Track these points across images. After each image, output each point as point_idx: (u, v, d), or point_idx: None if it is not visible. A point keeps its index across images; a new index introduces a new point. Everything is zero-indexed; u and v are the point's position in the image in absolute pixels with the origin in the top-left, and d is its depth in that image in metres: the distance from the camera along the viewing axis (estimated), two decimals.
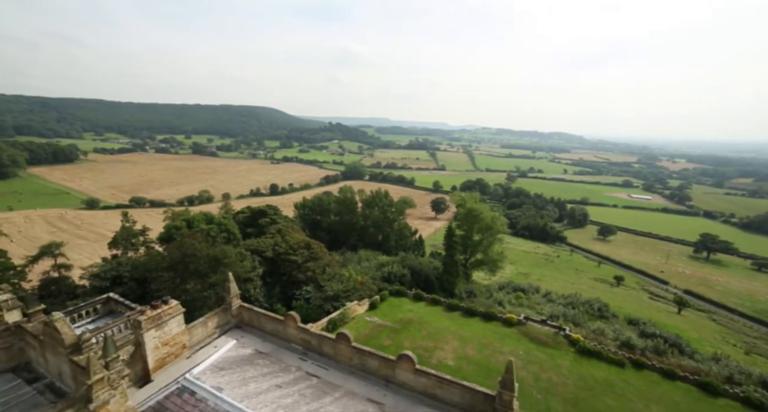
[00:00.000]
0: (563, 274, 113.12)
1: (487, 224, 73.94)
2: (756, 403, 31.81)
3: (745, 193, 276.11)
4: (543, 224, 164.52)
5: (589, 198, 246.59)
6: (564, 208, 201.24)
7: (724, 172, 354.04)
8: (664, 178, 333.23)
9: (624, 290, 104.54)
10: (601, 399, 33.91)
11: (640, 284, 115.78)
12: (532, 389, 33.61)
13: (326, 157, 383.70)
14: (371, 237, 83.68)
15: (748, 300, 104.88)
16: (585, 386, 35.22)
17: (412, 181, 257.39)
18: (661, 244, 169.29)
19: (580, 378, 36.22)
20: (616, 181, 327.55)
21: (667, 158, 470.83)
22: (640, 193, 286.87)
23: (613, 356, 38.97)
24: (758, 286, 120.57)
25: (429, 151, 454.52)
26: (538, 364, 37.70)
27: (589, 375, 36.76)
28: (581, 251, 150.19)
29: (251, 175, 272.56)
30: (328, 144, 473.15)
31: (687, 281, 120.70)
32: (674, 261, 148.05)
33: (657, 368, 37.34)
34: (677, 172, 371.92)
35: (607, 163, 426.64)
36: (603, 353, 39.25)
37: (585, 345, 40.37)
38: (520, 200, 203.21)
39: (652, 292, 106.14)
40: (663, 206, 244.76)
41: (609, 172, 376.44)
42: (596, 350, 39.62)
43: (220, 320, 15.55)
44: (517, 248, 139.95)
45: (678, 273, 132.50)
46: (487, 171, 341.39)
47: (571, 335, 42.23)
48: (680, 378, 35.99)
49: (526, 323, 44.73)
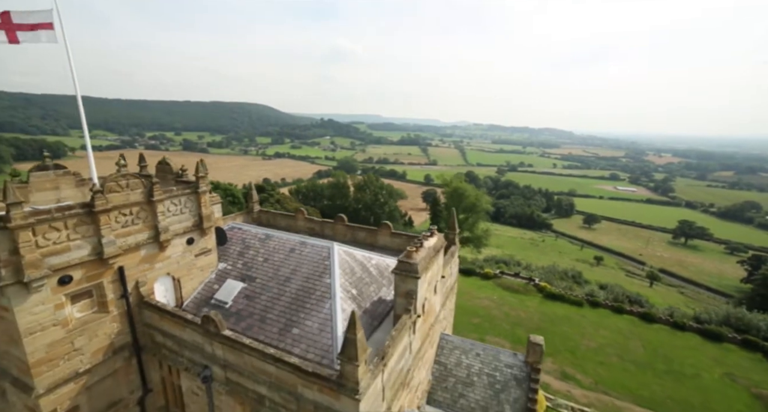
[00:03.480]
0: (547, 255, 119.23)
1: (472, 202, 78.30)
2: (680, 324, 38.07)
3: (725, 185, 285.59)
4: (530, 212, 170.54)
5: (577, 190, 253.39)
6: (551, 198, 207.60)
7: (707, 166, 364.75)
8: (649, 172, 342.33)
9: (603, 268, 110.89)
10: (559, 327, 39.66)
11: (619, 265, 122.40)
12: (503, 322, 39.08)
13: (318, 153, 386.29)
14: (363, 220, 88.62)
15: (717, 278, 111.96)
16: (547, 319, 40.93)
17: (403, 175, 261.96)
18: (643, 231, 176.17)
19: (544, 314, 41.92)
20: (603, 174, 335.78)
21: (654, 153, 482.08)
22: (626, 185, 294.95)
23: (574, 297, 44.62)
24: (728, 267, 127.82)
25: (421, 146, 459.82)
26: (509, 305, 43.10)
27: (552, 312, 42.44)
28: (566, 237, 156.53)
29: (243, 171, 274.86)
30: (320, 140, 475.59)
31: (663, 263, 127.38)
32: (654, 246, 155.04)
33: (609, 305, 43.20)
34: (663, 165, 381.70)
35: (596, 157, 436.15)
36: (565, 296, 44.86)
37: (550, 291, 45.98)
38: (509, 191, 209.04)
39: (629, 270, 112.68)
40: (647, 197, 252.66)
41: (597, 166, 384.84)
42: (560, 294, 45.23)
43: (243, 219, 20.30)
44: (504, 235, 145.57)
45: (656, 256, 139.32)
46: (478, 165, 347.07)
47: (539, 284, 47.74)
48: (627, 312, 42.02)
49: (501, 276, 50.08)
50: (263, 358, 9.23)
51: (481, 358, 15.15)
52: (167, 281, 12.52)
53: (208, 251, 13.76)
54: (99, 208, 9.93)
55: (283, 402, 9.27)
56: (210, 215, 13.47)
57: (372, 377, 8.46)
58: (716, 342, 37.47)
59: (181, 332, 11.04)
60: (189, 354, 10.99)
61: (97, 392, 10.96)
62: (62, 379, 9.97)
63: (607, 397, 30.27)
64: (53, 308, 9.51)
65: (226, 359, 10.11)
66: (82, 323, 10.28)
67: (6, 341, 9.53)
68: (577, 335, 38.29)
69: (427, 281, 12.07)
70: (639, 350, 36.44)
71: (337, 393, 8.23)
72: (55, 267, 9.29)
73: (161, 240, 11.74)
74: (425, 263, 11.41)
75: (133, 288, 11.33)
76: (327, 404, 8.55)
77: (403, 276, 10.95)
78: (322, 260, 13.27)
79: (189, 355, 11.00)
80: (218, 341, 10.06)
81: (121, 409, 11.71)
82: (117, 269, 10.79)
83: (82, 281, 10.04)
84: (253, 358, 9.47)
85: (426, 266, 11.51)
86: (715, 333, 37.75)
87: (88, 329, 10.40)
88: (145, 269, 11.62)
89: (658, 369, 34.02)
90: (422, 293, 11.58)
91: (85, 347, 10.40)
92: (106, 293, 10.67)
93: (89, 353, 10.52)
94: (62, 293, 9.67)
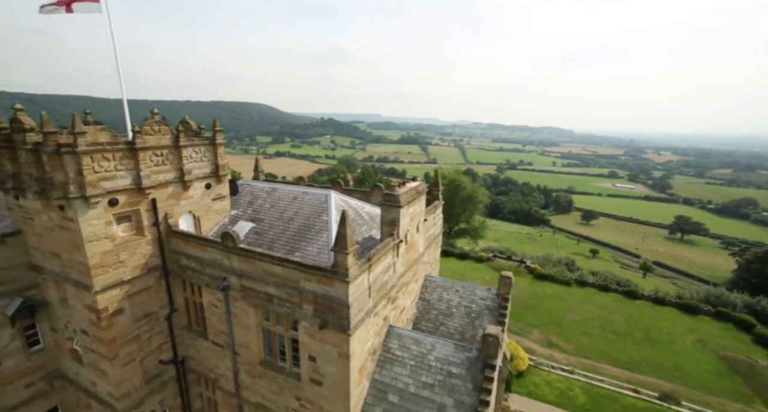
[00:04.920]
0: (543, 249, 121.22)
1: (469, 194, 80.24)
2: (661, 299, 40.29)
3: (723, 183, 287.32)
4: (528, 208, 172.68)
5: (575, 187, 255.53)
6: (550, 195, 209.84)
7: (705, 164, 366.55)
8: (648, 170, 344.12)
9: (598, 261, 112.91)
10: (547, 304, 41.93)
11: (615, 258, 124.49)
12: None
13: (318, 152, 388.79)
14: None
15: (709, 270, 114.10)
16: (536, 297, 43.21)
17: (403, 173, 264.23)
18: (640, 227, 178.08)
19: (534, 293, 44.17)
20: (602, 172, 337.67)
21: (653, 151, 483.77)
22: (625, 183, 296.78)
23: (562, 277, 46.85)
24: (721, 260, 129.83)
25: (421, 145, 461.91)
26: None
27: (541, 291, 44.69)
28: (564, 232, 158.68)
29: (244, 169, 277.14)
30: (320, 139, 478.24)
31: (659, 256, 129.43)
32: (650, 241, 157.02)
33: (596, 285, 45.37)
34: (662, 163, 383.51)
35: (595, 155, 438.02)
36: (555, 276, 47.09)
37: (541, 272, 48.20)
38: (507, 188, 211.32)
39: (624, 263, 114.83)
40: (645, 194, 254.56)
41: (596, 164, 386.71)
42: (549, 274, 47.45)
43: None
44: (502, 230, 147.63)
45: (652, 250, 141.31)
46: (477, 164, 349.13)
47: (530, 266, 50.00)
48: (612, 290, 44.17)
49: (494, 259, 52.33)
50: (272, 261, 11.54)
51: (459, 293, 17.46)
52: (189, 218, 14.81)
53: (222, 197, 16.07)
54: (138, 145, 12.23)
55: (288, 297, 11.55)
56: (225, 165, 15.78)
57: (359, 270, 10.74)
58: (692, 314, 39.77)
59: (203, 253, 13.34)
60: (209, 271, 13.28)
61: (136, 302, 13.27)
62: (112, 283, 12.27)
63: (587, 360, 32.53)
64: (104, 223, 11.81)
65: (241, 269, 12.40)
66: (125, 241, 12.59)
67: (70, 249, 11.85)
68: (563, 310, 40.61)
69: (410, 215, 14.36)
70: (620, 322, 38.74)
71: (331, 280, 10.51)
72: (106, 190, 11.59)
73: (185, 180, 14.05)
74: (407, 198, 13.69)
75: (162, 219, 13.63)
76: (323, 292, 10.83)
77: (387, 206, 13.24)
78: (321, 203, 15.55)
79: (209, 271, 13.29)
80: (235, 254, 12.36)
81: (153, 320, 14.02)
82: (151, 200, 13.09)
83: (125, 206, 12.34)
84: (264, 263, 11.77)
85: (408, 200, 13.80)
86: (692, 306, 40.02)
87: (129, 247, 12.71)
88: (172, 205, 13.92)
89: (636, 337, 36.32)
90: (404, 224, 13.87)
91: (127, 261, 12.70)
92: (142, 219, 12.97)
93: (130, 266, 12.83)
94: (111, 213, 11.97)
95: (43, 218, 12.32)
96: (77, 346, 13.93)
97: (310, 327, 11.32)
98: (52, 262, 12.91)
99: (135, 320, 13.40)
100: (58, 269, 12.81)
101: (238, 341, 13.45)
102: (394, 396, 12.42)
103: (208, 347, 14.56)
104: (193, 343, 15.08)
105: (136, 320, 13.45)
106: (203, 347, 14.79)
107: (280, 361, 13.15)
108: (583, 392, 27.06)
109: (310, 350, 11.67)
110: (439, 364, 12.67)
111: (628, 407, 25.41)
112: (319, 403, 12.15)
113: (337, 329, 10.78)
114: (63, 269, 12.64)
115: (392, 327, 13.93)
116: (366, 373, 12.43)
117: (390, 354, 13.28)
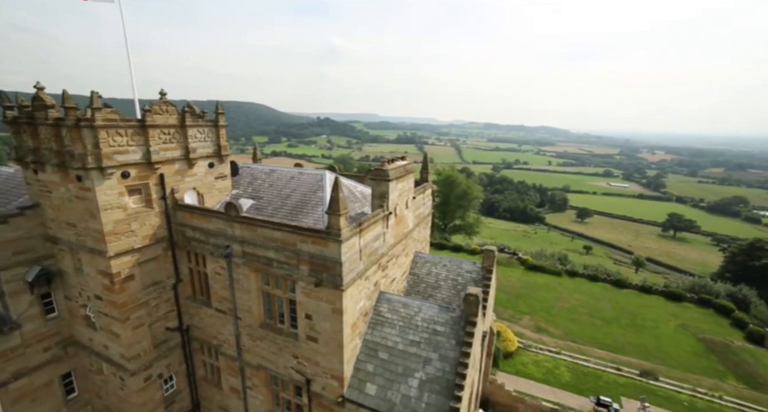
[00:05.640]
0: (538, 245, 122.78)
1: (463, 190, 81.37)
2: (647, 288, 41.70)
3: (715, 181, 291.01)
4: (524, 206, 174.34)
5: (571, 186, 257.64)
6: (545, 194, 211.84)
7: (698, 163, 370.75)
8: (642, 169, 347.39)
9: (591, 257, 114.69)
10: (537, 293, 43.21)
11: (608, 254, 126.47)
12: None
13: (315, 152, 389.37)
14: None
15: (700, 266, 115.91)
16: (528, 286, 44.48)
17: None
18: (634, 225, 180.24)
19: (525, 282, 45.44)
20: (597, 171, 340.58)
21: (647, 150, 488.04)
22: (619, 181, 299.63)
23: (553, 268, 48.15)
24: (712, 256, 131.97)
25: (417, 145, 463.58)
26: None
27: (533, 281, 45.96)
28: (558, 229, 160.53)
29: None
30: (316, 139, 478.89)
31: (651, 253, 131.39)
32: (643, 239, 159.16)
33: (586, 275, 46.68)
34: (656, 163, 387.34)
35: (590, 155, 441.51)
36: (546, 267, 48.38)
37: (532, 263, 49.47)
38: (503, 187, 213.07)
39: (617, 259, 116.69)
40: (639, 193, 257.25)
41: (591, 163, 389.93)
42: (540, 265, 48.73)
43: None
44: (498, 227, 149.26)
45: (645, 247, 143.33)
46: (473, 163, 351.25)
47: (522, 257, 51.26)
48: (601, 280, 45.47)
49: None
50: (272, 226, 12.66)
51: (447, 268, 18.63)
52: (193, 194, 15.88)
53: (224, 176, 17.15)
54: (148, 123, 13.31)
55: (287, 259, 12.67)
56: (226, 146, 16.86)
57: (351, 232, 11.88)
58: (677, 302, 41.22)
59: (207, 224, 14.42)
60: (213, 240, 14.36)
61: (145, 270, 14.33)
62: (123, 250, 13.34)
63: (574, 344, 33.84)
64: (117, 194, 12.87)
65: (243, 236, 13.50)
66: (135, 212, 13.65)
67: (86, 217, 12.91)
68: (553, 299, 41.92)
69: (398, 190, 15.52)
70: (607, 309, 40.10)
71: (326, 240, 11.65)
72: (120, 163, 12.66)
73: (190, 158, 15.12)
74: (396, 174, 14.86)
75: (169, 193, 14.69)
76: (318, 252, 11.96)
77: (377, 180, 14.40)
78: (317, 181, 16.68)
79: (213, 241, 14.37)
80: (238, 222, 13.47)
81: (160, 289, 15.08)
82: (159, 174, 14.16)
83: (136, 179, 13.40)
84: (265, 229, 12.89)
85: (397, 176, 14.96)
86: (677, 294, 41.45)
87: (139, 218, 13.77)
88: (178, 180, 14.99)
89: (622, 323, 37.69)
90: (393, 198, 15.03)
91: (138, 231, 13.77)
92: (151, 193, 14.03)
93: (140, 236, 13.89)
94: (123, 185, 13.03)
95: (60, 190, 13.37)
96: (90, 312, 14.96)
97: (306, 286, 12.45)
98: (68, 232, 13.95)
99: (144, 287, 14.46)
100: (74, 238, 13.85)
101: (240, 305, 14.55)
102: (384, 353, 13.56)
103: (212, 314, 15.64)
104: (197, 312, 16.15)
105: (145, 287, 14.51)
106: (207, 314, 15.86)
107: (279, 323, 14.26)
108: (568, 370, 28.34)
109: (307, 309, 12.80)
110: (425, 324, 13.83)
111: (610, 383, 26.70)
112: (315, 359, 13.27)
113: (331, 286, 11.92)
114: (78, 237, 13.69)
115: (383, 293, 15.07)
116: (358, 332, 13.57)
117: (381, 317, 14.42)
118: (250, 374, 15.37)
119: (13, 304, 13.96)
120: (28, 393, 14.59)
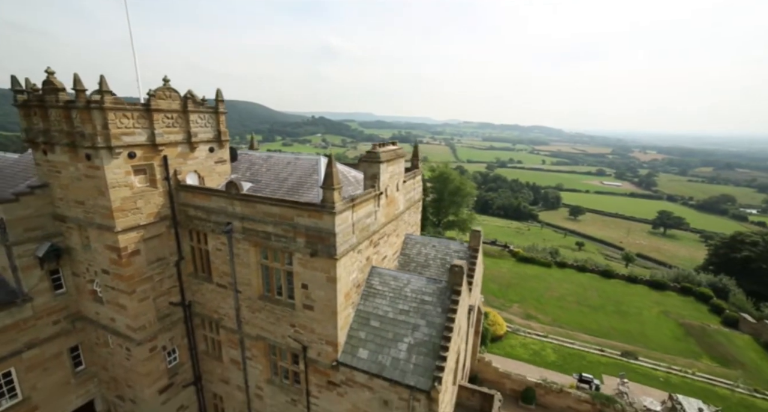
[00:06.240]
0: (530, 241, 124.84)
1: (457, 186, 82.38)
2: (633, 278, 43.15)
3: (704, 180, 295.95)
4: (517, 204, 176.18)
5: (564, 185, 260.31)
6: (539, 192, 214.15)
7: (688, 162, 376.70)
8: (634, 168, 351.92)
9: (583, 253, 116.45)
10: (528, 283, 44.46)
11: (599, 250, 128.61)
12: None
13: (309, 151, 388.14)
14: None
15: (689, 261, 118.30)
16: (518, 277, 45.71)
17: None
18: (625, 223, 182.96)
19: (516, 273, 46.68)
20: (590, 170, 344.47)
21: (640, 150, 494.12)
22: (612, 180, 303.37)
23: (543, 260, 49.43)
24: (701, 253, 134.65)
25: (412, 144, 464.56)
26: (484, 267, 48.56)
27: (523, 272, 47.22)
28: (551, 227, 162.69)
29: None
30: (311, 138, 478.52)
31: (641, 249, 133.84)
32: (634, 236, 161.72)
33: (575, 266, 48.03)
34: (647, 162, 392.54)
35: (584, 154, 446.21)
36: (536, 259, 49.66)
37: (523, 255, 50.71)
38: (497, 185, 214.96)
39: (608, 254, 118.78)
40: (631, 191, 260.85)
41: (585, 162, 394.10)
42: (531, 257, 50.00)
43: None
44: (491, 224, 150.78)
45: (635, 244, 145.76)
46: (468, 162, 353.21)
47: (513, 250, 52.52)
48: (590, 271, 46.84)
49: None
50: (271, 202, 13.60)
51: (436, 248, 19.68)
52: (194, 176, 16.74)
53: (224, 160, 18.04)
54: (153, 107, 14.17)
55: (284, 232, 13.62)
56: (226, 133, 17.75)
57: (344, 206, 12.86)
58: (660, 290, 42.71)
59: (208, 203, 15.32)
60: (215, 218, 15.26)
61: (149, 246, 15.20)
62: (130, 226, 14.20)
63: (562, 329, 35.09)
64: (124, 173, 13.73)
65: (243, 213, 14.42)
66: (141, 191, 14.51)
67: (95, 195, 13.76)
68: (543, 288, 43.21)
69: (389, 172, 16.52)
70: (594, 298, 41.47)
71: (320, 213, 12.62)
72: (126, 143, 13.52)
73: (192, 142, 15.99)
74: (387, 157, 15.85)
75: (172, 175, 15.56)
76: (314, 225, 12.93)
77: (369, 162, 15.38)
78: (312, 165, 17.63)
79: (215, 218, 15.27)
80: (238, 200, 14.39)
81: (164, 265, 15.96)
82: (163, 156, 15.03)
83: (141, 159, 14.26)
84: (264, 206, 13.82)
85: (388, 159, 15.96)
86: (661, 283, 42.91)
87: (144, 196, 14.63)
88: (180, 163, 15.86)
89: (608, 310, 39.04)
90: (384, 179, 16.02)
91: (143, 208, 14.63)
92: (155, 173, 14.89)
93: (145, 213, 14.75)
94: (130, 164, 13.89)
95: (70, 169, 14.19)
96: (97, 287, 15.79)
97: (303, 257, 13.41)
98: (76, 209, 14.77)
99: (149, 263, 15.32)
100: (82, 215, 14.68)
101: (240, 279, 15.47)
102: (376, 321, 14.57)
103: (213, 289, 16.54)
104: (199, 288, 17.04)
105: (150, 263, 15.37)
106: (208, 290, 16.75)
107: (277, 295, 15.20)
108: (554, 351, 29.58)
109: (303, 279, 13.76)
110: (414, 294, 14.85)
111: (593, 363, 27.96)
112: (311, 326, 14.24)
113: (326, 256, 12.89)
114: (87, 214, 14.52)
115: (374, 268, 16.07)
116: (351, 302, 14.55)
117: (372, 289, 15.42)
118: (249, 345, 16.30)
119: (25, 278, 14.77)
120: (40, 363, 15.42)
